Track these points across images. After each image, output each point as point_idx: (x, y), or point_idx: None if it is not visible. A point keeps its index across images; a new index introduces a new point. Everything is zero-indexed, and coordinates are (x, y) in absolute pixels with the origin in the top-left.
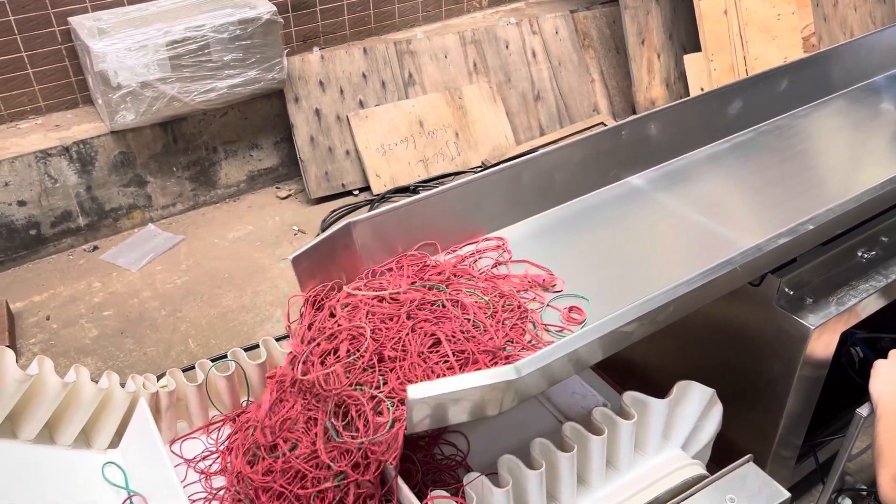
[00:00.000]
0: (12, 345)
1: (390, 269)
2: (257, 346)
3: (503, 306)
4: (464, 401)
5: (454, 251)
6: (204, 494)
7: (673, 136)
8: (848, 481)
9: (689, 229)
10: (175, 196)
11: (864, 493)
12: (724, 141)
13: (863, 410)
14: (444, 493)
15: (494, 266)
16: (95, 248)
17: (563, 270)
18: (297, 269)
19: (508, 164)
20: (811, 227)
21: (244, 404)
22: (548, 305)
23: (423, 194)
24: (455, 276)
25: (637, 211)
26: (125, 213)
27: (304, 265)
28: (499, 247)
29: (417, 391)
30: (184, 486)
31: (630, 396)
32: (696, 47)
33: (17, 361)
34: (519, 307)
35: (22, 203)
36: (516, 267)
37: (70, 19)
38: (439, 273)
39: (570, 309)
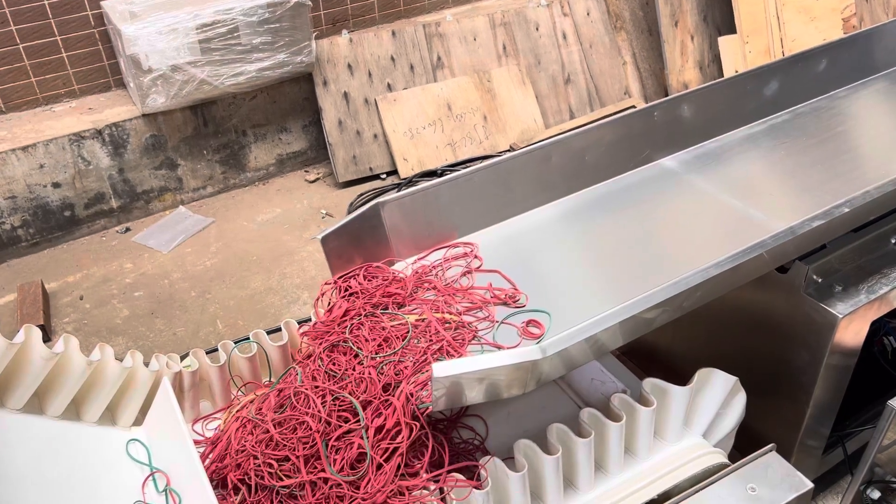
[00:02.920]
0: (47, 324)
1: (354, 276)
2: (280, 328)
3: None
4: (486, 381)
5: (428, 255)
6: None
7: (707, 118)
8: (877, 473)
9: (720, 212)
10: (205, 179)
11: (895, 485)
12: (760, 123)
13: (895, 402)
14: (460, 476)
15: (464, 275)
16: (128, 229)
17: (593, 249)
18: (326, 249)
19: (539, 144)
20: (846, 209)
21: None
22: (502, 323)
23: (450, 175)
24: (417, 289)
25: (668, 193)
26: (156, 196)
27: (332, 245)
28: (467, 254)
29: (441, 369)
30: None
31: (650, 383)
32: (732, 29)
33: (50, 340)
34: (464, 326)
35: (56, 185)
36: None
37: (102, 3)
38: (401, 288)
39: (528, 323)
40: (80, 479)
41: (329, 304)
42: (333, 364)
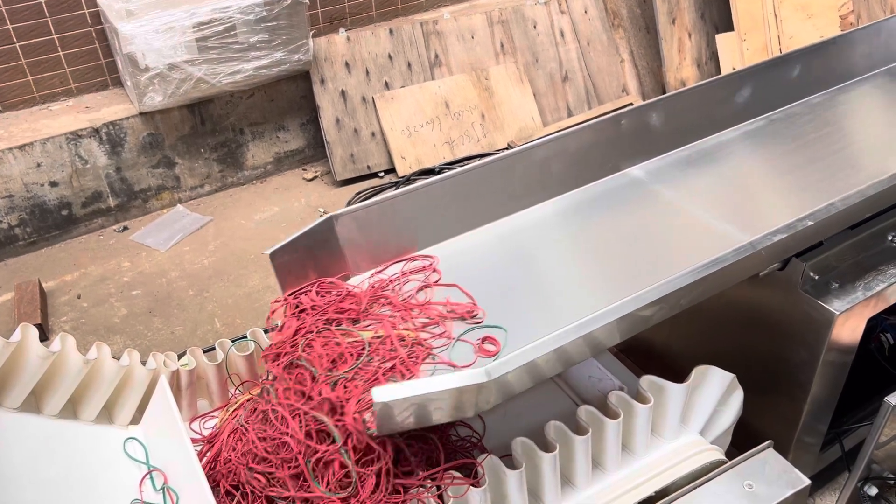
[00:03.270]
0: (44, 323)
1: (306, 292)
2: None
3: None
4: (434, 403)
5: (385, 269)
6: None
7: (701, 117)
8: (875, 469)
9: (716, 209)
10: (203, 177)
11: (892, 482)
12: (756, 120)
13: (892, 399)
14: (457, 473)
15: (420, 289)
16: (125, 228)
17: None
18: (275, 265)
19: (539, 141)
20: (843, 207)
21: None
22: (458, 340)
23: (404, 188)
24: (372, 304)
25: (661, 191)
26: (154, 194)
27: (283, 260)
28: (425, 267)
29: (382, 394)
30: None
31: (647, 380)
32: (729, 26)
33: (48, 339)
34: (420, 343)
35: (54, 184)
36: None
37: (99, 1)
38: (355, 303)
39: (484, 340)
40: (78, 478)
41: (280, 323)
42: (299, 383)
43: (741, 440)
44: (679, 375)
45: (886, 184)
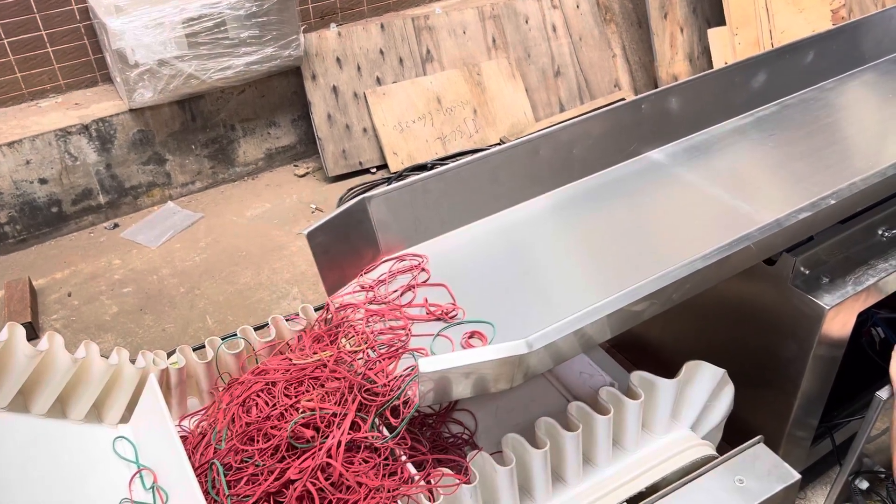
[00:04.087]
0: (35, 321)
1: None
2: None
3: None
4: (473, 375)
5: (376, 266)
6: None
7: (695, 110)
8: (866, 463)
9: (707, 205)
10: (194, 174)
11: (882, 475)
12: (748, 115)
13: (882, 393)
14: (447, 471)
15: (406, 290)
16: (116, 225)
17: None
18: (312, 244)
19: (531, 136)
20: (833, 201)
21: None
22: (438, 335)
23: (439, 169)
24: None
25: (655, 186)
26: (145, 191)
27: (319, 239)
28: (414, 266)
29: (428, 364)
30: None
31: (638, 376)
32: (721, 21)
33: (38, 337)
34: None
35: (43, 181)
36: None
37: None
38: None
39: (471, 335)
40: (67, 478)
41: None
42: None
43: (732, 435)
44: (671, 370)
45: (876, 178)
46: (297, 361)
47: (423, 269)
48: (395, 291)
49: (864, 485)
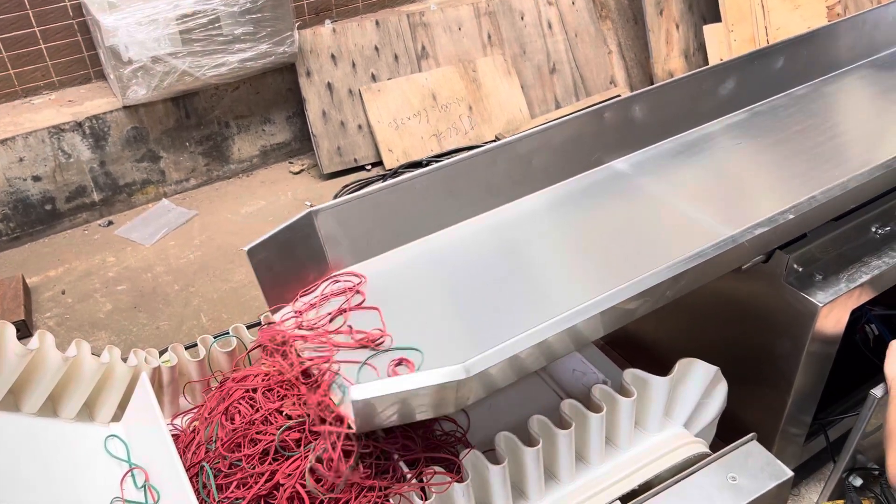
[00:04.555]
0: (28, 319)
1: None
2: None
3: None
4: (414, 399)
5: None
6: None
7: (687, 110)
8: (860, 460)
9: (701, 201)
10: (188, 171)
11: (876, 472)
12: (743, 111)
13: (877, 391)
14: (440, 469)
15: (337, 314)
16: (110, 222)
17: (572, 241)
18: (253, 262)
19: (486, 147)
20: (826, 199)
21: None
22: (365, 363)
23: (389, 181)
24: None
25: (646, 184)
26: (139, 188)
27: (261, 256)
28: (348, 289)
29: (359, 392)
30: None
31: (631, 374)
32: (716, 17)
33: (32, 335)
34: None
35: (37, 178)
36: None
37: None
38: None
39: (398, 363)
40: (58, 476)
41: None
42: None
43: (726, 432)
44: (666, 368)
45: (869, 176)
46: (266, 368)
47: (357, 292)
48: (326, 316)
49: (858, 482)
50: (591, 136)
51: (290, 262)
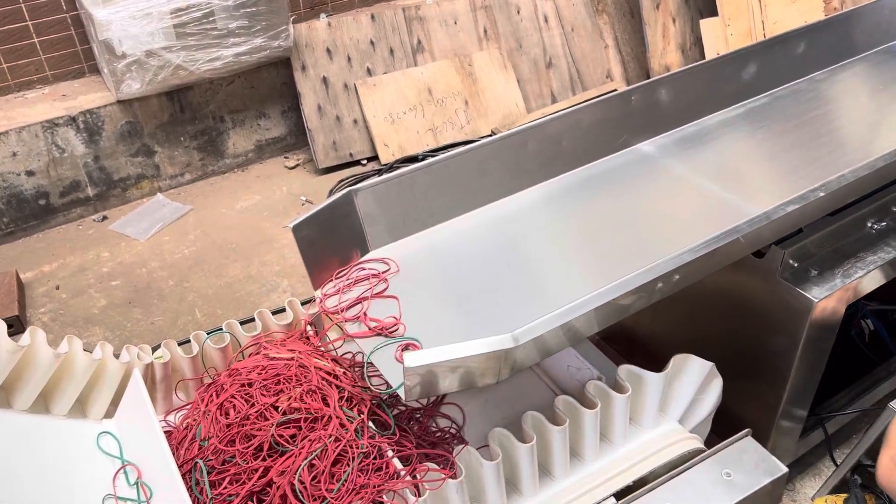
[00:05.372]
0: (22, 315)
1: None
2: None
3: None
4: (460, 369)
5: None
6: None
7: (686, 102)
8: (860, 459)
9: (698, 196)
10: (183, 166)
11: (871, 468)
12: (739, 106)
13: (895, 405)
14: (433, 465)
15: (356, 303)
16: (104, 217)
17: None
18: (297, 238)
19: (519, 128)
20: (822, 194)
21: None
22: (373, 352)
23: (427, 161)
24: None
25: (645, 178)
26: (133, 183)
27: (304, 233)
28: (370, 276)
29: (413, 359)
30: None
31: (625, 370)
32: (713, 11)
33: (25, 331)
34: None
35: (30, 173)
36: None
37: None
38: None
39: (405, 348)
40: (50, 473)
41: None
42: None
43: (722, 427)
44: (661, 363)
45: (865, 170)
46: (274, 355)
47: (383, 280)
48: (345, 302)
49: (856, 479)
50: (586, 131)
51: (331, 238)
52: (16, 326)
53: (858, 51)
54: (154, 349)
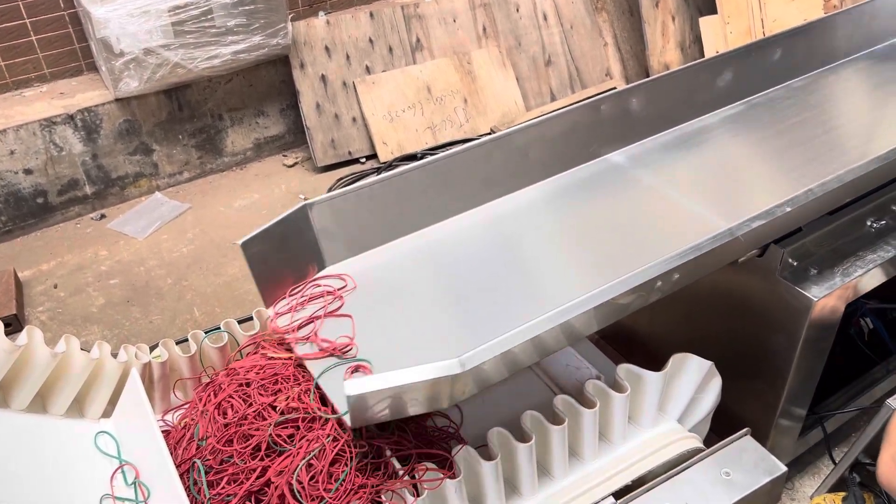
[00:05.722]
0: (20, 313)
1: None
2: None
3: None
4: (408, 394)
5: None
6: None
7: (686, 100)
8: (858, 457)
9: (698, 194)
10: (181, 164)
11: (869, 466)
12: (739, 104)
13: (893, 402)
14: (432, 465)
15: (308, 323)
16: (103, 216)
17: (568, 234)
18: (247, 255)
19: (515, 127)
20: (821, 193)
21: None
22: (321, 375)
23: (383, 175)
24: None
25: (643, 176)
26: (132, 182)
27: (255, 249)
28: (327, 293)
29: (354, 386)
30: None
31: (624, 369)
32: (712, 10)
33: (23, 329)
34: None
35: (28, 171)
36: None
37: None
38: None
39: (354, 370)
40: (47, 473)
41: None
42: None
43: (721, 426)
44: (660, 362)
45: (865, 169)
46: (272, 355)
47: (337, 297)
48: (297, 321)
49: (855, 478)
50: (587, 129)
51: (284, 254)
52: (14, 325)
53: (857, 49)
54: (152, 348)
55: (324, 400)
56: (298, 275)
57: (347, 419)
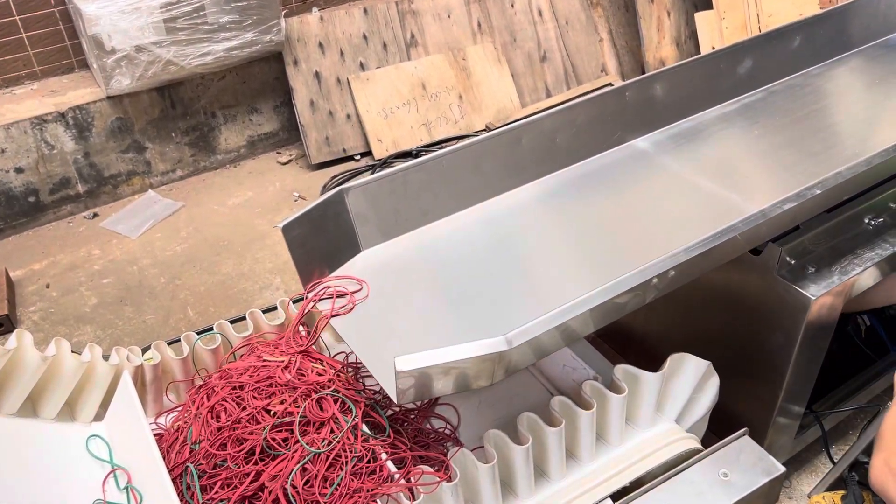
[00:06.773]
0: (12, 313)
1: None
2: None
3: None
4: (453, 372)
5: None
6: None
7: (681, 97)
8: (858, 456)
9: (694, 193)
10: (174, 162)
11: (867, 464)
12: (734, 101)
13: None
14: (428, 468)
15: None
16: (95, 214)
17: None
18: (287, 238)
19: (513, 125)
20: (819, 191)
21: None
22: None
23: (419, 159)
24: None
25: (640, 175)
26: (124, 180)
27: (295, 233)
28: (341, 294)
29: (404, 362)
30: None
31: (621, 369)
32: (708, 5)
33: (15, 329)
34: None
35: (19, 170)
36: None
37: None
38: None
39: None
40: (38, 478)
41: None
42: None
43: (719, 425)
44: (657, 361)
45: (862, 167)
46: (268, 358)
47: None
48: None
49: (854, 476)
50: (611, 116)
51: (322, 238)
52: (5, 325)
53: (855, 45)
54: (144, 350)
55: (319, 403)
56: (333, 259)
57: (393, 395)
